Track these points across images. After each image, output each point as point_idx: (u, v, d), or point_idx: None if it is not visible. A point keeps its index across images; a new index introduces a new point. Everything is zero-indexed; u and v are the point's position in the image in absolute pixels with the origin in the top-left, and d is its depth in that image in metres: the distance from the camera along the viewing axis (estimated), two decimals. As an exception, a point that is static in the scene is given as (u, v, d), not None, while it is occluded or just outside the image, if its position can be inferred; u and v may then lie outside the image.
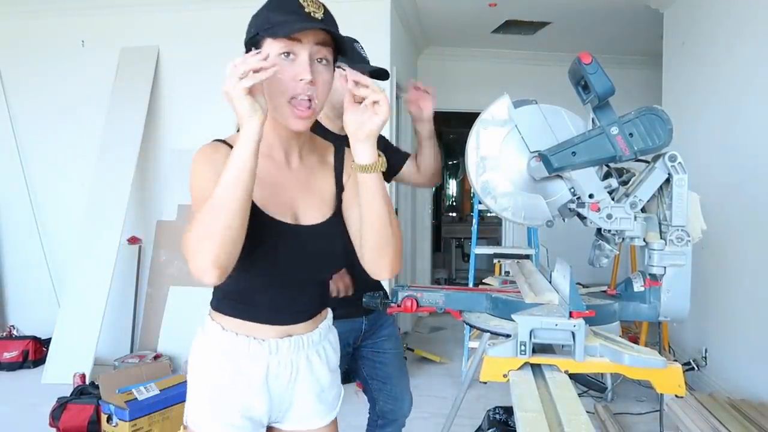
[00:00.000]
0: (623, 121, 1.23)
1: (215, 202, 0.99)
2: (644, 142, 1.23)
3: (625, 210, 1.25)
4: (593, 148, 1.24)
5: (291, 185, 1.19)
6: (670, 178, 1.22)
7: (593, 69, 1.24)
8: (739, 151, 3.24)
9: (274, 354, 1.19)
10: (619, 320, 1.31)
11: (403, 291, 1.42)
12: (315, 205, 1.20)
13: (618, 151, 1.23)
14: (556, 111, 1.30)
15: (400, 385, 1.97)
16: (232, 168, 1.00)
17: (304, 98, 1.07)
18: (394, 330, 1.99)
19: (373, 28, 4.10)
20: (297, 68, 1.06)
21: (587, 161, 1.24)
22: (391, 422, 1.99)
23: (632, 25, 4.94)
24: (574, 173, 1.26)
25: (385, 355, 1.94)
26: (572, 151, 1.24)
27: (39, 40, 4.60)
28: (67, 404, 3.01)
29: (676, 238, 1.21)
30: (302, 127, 1.11)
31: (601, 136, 1.23)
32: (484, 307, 1.36)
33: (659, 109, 1.24)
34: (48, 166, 4.62)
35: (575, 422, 0.89)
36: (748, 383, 3.07)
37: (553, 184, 1.30)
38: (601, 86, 1.23)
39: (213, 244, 0.98)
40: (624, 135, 1.22)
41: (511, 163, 1.31)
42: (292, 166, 1.20)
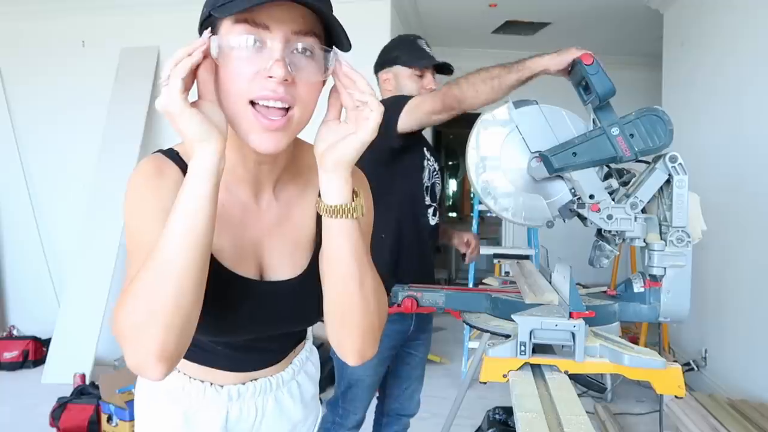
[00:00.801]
0: (624, 121, 1.23)
1: (159, 266, 0.70)
2: (645, 143, 1.23)
3: (626, 211, 1.25)
4: (594, 149, 1.24)
5: (258, 229, 0.88)
6: (670, 179, 1.22)
7: (594, 70, 1.24)
8: (739, 152, 3.24)
9: (235, 401, 0.97)
10: (619, 321, 1.31)
11: (403, 291, 1.43)
12: (287, 254, 0.90)
13: (619, 152, 1.23)
14: (557, 111, 1.30)
15: (412, 387, 1.99)
16: (181, 216, 0.71)
17: (273, 104, 0.74)
18: (429, 336, 2.00)
19: (373, 29, 4.10)
20: (263, 60, 0.73)
21: (588, 162, 1.24)
22: (395, 421, 2.00)
23: (632, 25, 4.95)
24: (574, 174, 1.26)
25: (414, 358, 1.95)
26: (573, 152, 1.24)
27: (39, 40, 4.60)
28: (67, 404, 3.01)
29: (677, 239, 1.21)
30: (271, 146, 0.76)
31: (601, 136, 1.24)
32: (484, 307, 1.36)
33: (660, 109, 1.24)
34: (48, 166, 4.62)
35: (575, 423, 0.89)
36: (748, 384, 3.07)
37: (554, 185, 1.30)
38: (602, 87, 1.23)
39: (157, 328, 0.69)
40: (625, 136, 1.23)
41: (511, 164, 1.31)
42: (261, 204, 0.89)
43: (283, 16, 0.73)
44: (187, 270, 0.71)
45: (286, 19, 0.73)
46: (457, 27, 5.24)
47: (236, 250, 0.86)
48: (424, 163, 1.81)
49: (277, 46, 0.73)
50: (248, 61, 0.74)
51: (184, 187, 0.72)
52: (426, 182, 1.82)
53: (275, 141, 0.77)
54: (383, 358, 1.82)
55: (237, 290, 0.86)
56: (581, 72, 1.28)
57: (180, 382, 0.95)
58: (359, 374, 1.81)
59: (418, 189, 1.80)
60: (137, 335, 0.70)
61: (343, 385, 1.85)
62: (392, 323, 1.75)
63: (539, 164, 1.26)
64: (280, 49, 0.73)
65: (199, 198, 0.71)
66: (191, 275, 0.71)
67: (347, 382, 1.83)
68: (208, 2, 0.78)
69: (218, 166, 0.72)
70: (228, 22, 0.74)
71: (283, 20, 0.73)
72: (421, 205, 1.81)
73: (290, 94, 0.75)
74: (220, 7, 0.73)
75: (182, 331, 0.72)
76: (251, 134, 0.76)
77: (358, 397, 1.84)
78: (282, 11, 0.73)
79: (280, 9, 0.72)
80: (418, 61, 1.79)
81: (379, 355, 1.80)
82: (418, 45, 1.83)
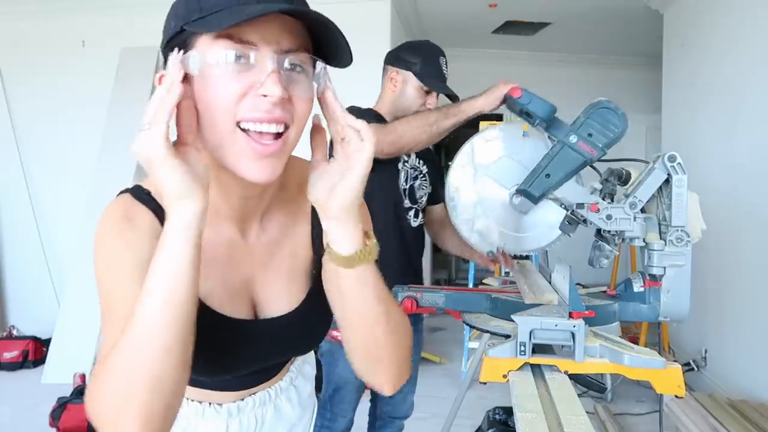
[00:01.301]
0: (577, 126, 1.26)
1: (137, 338, 0.61)
2: (605, 136, 1.25)
3: (625, 210, 1.25)
4: (563, 163, 1.26)
5: (247, 266, 0.81)
6: (669, 179, 1.22)
7: (527, 99, 1.29)
8: (738, 151, 3.25)
9: (235, 416, 0.92)
10: (618, 321, 1.31)
11: (403, 291, 1.43)
12: (283, 286, 0.84)
13: (586, 155, 1.25)
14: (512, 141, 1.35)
15: (404, 389, 1.97)
16: (158, 281, 0.62)
17: (268, 128, 0.65)
18: (418, 338, 1.99)
19: (373, 29, 4.10)
20: (254, 76, 0.64)
21: (563, 177, 1.27)
22: (388, 423, 1.99)
23: (632, 25, 4.95)
24: (557, 192, 1.28)
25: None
26: (545, 174, 1.27)
27: (39, 40, 4.60)
28: (67, 404, 3.01)
29: (676, 239, 1.21)
30: (265, 175, 0.68)
31: (564, 149, 1.26)
32: (483, 307, 1.37)
33: (603, 100, 1.26)
34: (48, 166, 4.62)
35: (575, 423, 0.89)
36: (748, 384, 3.07)
37: (545, 209, 1.33)
38: (542, 110, 1.27)
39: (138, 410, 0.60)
40: (584, 138, 1.25)
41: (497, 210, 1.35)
42: (249, 239, 0.81)
43: (273, 32, 0.64)
44: (169, 341, 0.62)
45: (275, 34, 0.65)
46: (457, 27, 5.24)
47: (226, 291, 0.79)
48: (399, 166, 1.79)
49: (268, 60, 0.64)
50: (235, 79, 0.64)
51: (162, 248, 0.63)
52: (403, 185, 1.81)
53: (270, 169, 0.68)
54: None
55: (230, 334, 0.79)
56: (517, 105, 1.32)
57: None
58: (346, 376, 1.80)
59: (396, 194, 1.79)
60: (116, 420, 0.61)
61: (330, 388, 1.85)
62: None
63: (522, 198, 1.29)
64: (273, 65, 0.64)
65: (178, 260, 0.62)
66: (175, 347, 0.62)
67: (334, 385, 1.83)
68: (176, 14, 0.67)
69: (200, 225, 0.63)
70: (206, 38, 0.65)
71: (273, 37, 0.65)
72: (399, 208, 1.80)
73: (288, 113, 0.66)
74: (197, 21, 0.64)
75: (168, 408, 0.63)
76: (242, 163, 0.67)
77: (346, 399, 1.83)
78: (272, 26, 0.64)
79: (270, 23, 0.64)
80: (433, 81, 1.77)
81: None
82: (440, 64, 1.81)
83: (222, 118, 0.65)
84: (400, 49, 1.85)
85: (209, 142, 0.68)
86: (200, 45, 0.65)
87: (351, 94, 4.58)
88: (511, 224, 1.36)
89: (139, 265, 0.67)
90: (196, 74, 0.65)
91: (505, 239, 1.36)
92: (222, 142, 0.67)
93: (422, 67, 1.76)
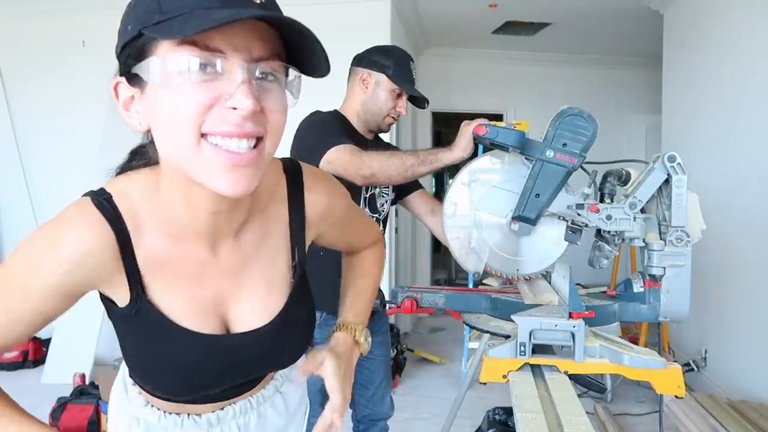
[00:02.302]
0: (549, 140, 1.27)
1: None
2: (579, 142, 1.25)
3: (625, 211, 1.25)
4: (548, 179, 1.27)
5: (217, 283, 0.77)
6: (669, 179, 1.22)
7: (493, 134, 1.30)
8: (738, 151, 3.25)
9: (215, 425, 0.87)
10: (618, 321, 1.31)
11: (402, 292, 1.43)
12: (258, 299, 0.80)
13: (567, 165, 1.26)
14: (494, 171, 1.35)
15: (380, 390, 1.96)
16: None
17: (238, 145, 0.60)
18: (386, 338, 1.98)
19: (374, 29, 4.10)
20: (222, 87, 0.59)
21: (553, 193, 1.28)
22: (371, 426, 1.98)
23: (632, 26, 4.95)
24: (551, 208, 1.29)
25: (372, 362, 1.92)
26: (535, 194, 1.28)
27: (39, 40, 4.60)
28: (67, 404, 3.01)
29: (676, 239, 1.21)
30: (240, 187, 0.63)
31: (544, 166, 1.27)
32: (483, 307, 1.37)
33: (566, 109, 1.27)
34: (48, 166, 4.62)
35: (575, 423, 0.89)
36: (748, 384, 3.07)
37: (545, 225, 1.33)
38: (512, 139, 1.28)
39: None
40: (560, 150, 1.26)
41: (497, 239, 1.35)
42: (220, 256, 0.77)
43: (242, 38, 0.59)
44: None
45: (245, 41, 0.59)
46: (457, 27, 5.24)
47: (193, 308, 0.75)
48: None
49: (237, 69, 0.59)
50: (200, 89, 0.59)
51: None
52: (364, 194, 1.79)
53: (245, 181, 0.62)
54: None
55: (199, 349, 0.76)
56: (485, 140, 1.33)
57: (154, 417, 0.85)
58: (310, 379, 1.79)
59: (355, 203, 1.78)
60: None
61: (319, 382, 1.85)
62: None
63: (520, 224, 1.30)
64: (244, 75, 0.59)
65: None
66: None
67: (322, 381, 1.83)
68: (134, 17, 0.61)
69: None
70: (168, 43, 0.59)
71: (242, 44, 0.59)
72: None
73: (260, 126, 0.61)
74: (157, 26, 0.57)
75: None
76: (215, 176, 0.61)
77: (312, 405, 1.82)
78: (241, 32, 0.59)
79: (239, 29, 0.58)
80: (405, 83, 1.78)
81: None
82: (410, 68, 1.82)
83: (185, 130, 0.59)
84: (370, 53, 1.85)
85: (173, 156, 0.63)
86: (161, 51, 0.60)
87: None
88: (511, 248, 1.36)
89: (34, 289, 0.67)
90: (157, 82, 0.60)
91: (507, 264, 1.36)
92: (188, 155, 0.61)
93: (395, 69, 1.77)
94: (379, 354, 1.94)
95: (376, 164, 1.55)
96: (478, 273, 1.38)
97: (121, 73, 0.65)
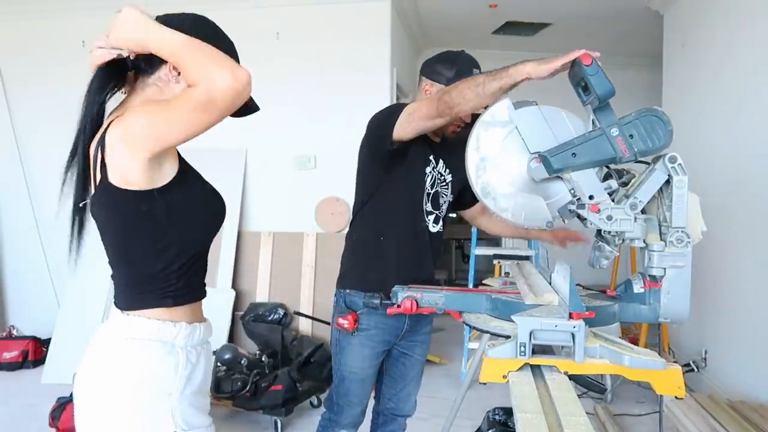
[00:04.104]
0: (623, 122, 1.23)
1: None
2: (644, 144, 1.23)
3: (625, 211, 1.25)
4: (593, 150, 1.24)
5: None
6: (670, 180, 1.22)
7: (593, 70, 1.24)
8: (738, 152, 3.25)
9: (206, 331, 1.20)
10: (618, 321, 1.31)
11: (403, 291, 1.43)
12: None
13: (618, 153, 1.23)
14: (556, 112, 1.30)
15: (408, 388, 1.98)
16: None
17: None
18: (427, 338, 1.99)
19: (374, 30, 4.10)
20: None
21: (587, 162, 1.24)
22: (390, 421, 2.00)
23: (632, 26, 4.95)
24: (574, 175, 1.26)
25: (409, 359, 1.95)
26: (572, 152, 1.24)
27: (39, 40, 4.60)
28: (67, 404, 3.00)
29: (676, 240, 1.21)
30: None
31: (601, 137, 1.24)
32: (483, 308, 1.36)
33: (659, 110, 1.24)
34: (48, 166, 4.61)
35: (574, 423, 0.89)
36: (748, 385, 3.07)
37: (553, 186, 1.30)
38: (602, 87, 1.23)
39: None
40: (624, 136, 1.23)
41: (511, 165, 1.31)
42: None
43: None
44: None
45: None
46: (457, 27, 5.24)
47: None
48: (426, 170, 1.80)
49: None
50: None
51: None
52: (428, 189, 1.82)
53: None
54: (376, 352, 1.83)
55: (217, 198, 1.18)
56: (580, 73, 1.28)
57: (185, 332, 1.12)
58: (351, 366, 1.82)
59: (417, 194, 1.80)
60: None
61: (336, 379, 1.88)
62: (387, 317, 1.76)
63: (539, 165, 1.26)
64: None
65: None
66: None
67: (340, 375, 1.85)
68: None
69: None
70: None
71: None
72: (420, 210, 1.81)
73: None
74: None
75: None
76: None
77: (351, 392, 1.85)
78: None
79: None
80: None
81: (372, 348, 1.81)
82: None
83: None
84: (436, 61, 1.84)
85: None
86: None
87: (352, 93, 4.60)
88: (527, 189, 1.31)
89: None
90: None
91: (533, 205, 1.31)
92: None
93: (456, 79, 1.70)
94: (418, 353, 1.97)
95: (452, 89, 1.51)
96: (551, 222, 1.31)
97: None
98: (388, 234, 1.78)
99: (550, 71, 1.35)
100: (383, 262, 1.78)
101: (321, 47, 4.14)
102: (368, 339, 1.80)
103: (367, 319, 1.78)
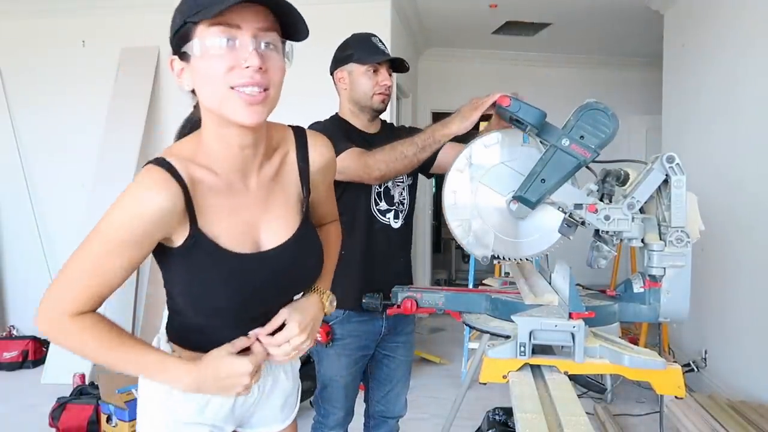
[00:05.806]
0: (568, 129, 1.27)
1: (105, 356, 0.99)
2: (597, 137, 1.25)
3: (623, 211, 1.25)
4: (558, 167, 1.27)
5: (250, 209, 1.02)
6: (668, 179, 1.22)
7: (515, 107, 1.30)
8: (738, 152, 3.25)
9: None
10: (618, 321, 1.31)
11: (402, 292, 1.43)
12: (281, 218, 1.05)
13: (579, 157, 1.26)
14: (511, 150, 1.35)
15: (396, 389, 1.97)
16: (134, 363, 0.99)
17: (251, 90, 0.89)
18: (410, 338, 1.98)
19: (374, 30, 4.06)
20: (238, 54, 0.88)
21: (559, 181, 1.27)
22: (381, 423, 1.99)
23: (632, 26, 4.95)
24: (553, 196, 1.28)
25: (393, 361, 1.94)
26: (541, 179, 1.28)
27: (39, 40, 4.60)
28: (67, 404, 3.01)
29: (676, 239, 1.21)
30: (255, 118, 0.91)
31: (557, 153, 1.27)
32: (483, 308, 1.37)
33: (592, 102, 1.26)
34: (48, 166, 4.62)
35: (574, 423, 0.89)
36: (748, 385, 3.07)
37: (542, 212, 1.33)
38: (532, 117, 1.28)
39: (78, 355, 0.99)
40: (576, 141, 1.26)
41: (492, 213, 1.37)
42: (250, 187, 1.02)
43: (250, 16, 0.89)
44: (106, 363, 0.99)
45: (252, 18, 0.89)
46: (457, 27, 5.24)
47: (233, 232, 0.99)
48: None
49: (248, 41, 0.88)
50: (225, 58, 0.88)
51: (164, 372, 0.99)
52: (376, 188, 1.79)
53: (257, 114, 0.91)
54: (353, 359, 1.83)
55: (238, 267, 0.99)
56: (506, 113, 1.32)
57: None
58: (331, 374, 1.83)
59: (365, 199, 1.78)
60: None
61: (319, 385, 1.89)
62: (361, 324, 1.79)
63: (519, 205, 1.30)
64: (251, 43, 0.89)
65: (152, 375, 1.02)
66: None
67: (322, 383, 1.87)
68: (182, 11, 0.91)
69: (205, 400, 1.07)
70: (203, 25, 0.88)
71: (251, 19, 0.89)
72: (370, 213, 1.79)
73: (265, 78, 0.90)
74: (195, 14, 0.88)
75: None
76: (239, 111, 0.90)
77: (334, 397, 1.85)
78: (249, 12, 0.88)
79: (247, 10, 0.88)
80: (372, 56, 1.79)
81: (348, 357, 1.81)
82: (372, 42, 1.83)
83: (218, 83, 0.89)
84: (335, 54, 1.88)
85: (212, 102, 0.92)
86: (197, 32, 0.89)
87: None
88: (509, 231, 1.36)
89: (129, 242, 0.92)
90: (198, 55, 0.89)
91: (504, 246, 1.37)
92: (221, 101, 0.90)
93: (359, 51, 1.79)
94: (402, 354, 1.95)
95: (383, 165, 1.62)
96: (486, 258, 1.38)
97: (174, 52, 0.95)
98: (346, 245, 1.57)
99: (473, 123, 1.45)
100: (348, 273, 1.66)
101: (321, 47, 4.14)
102: (344, 348, 1.80)
103: (341, 329, 1.78)
